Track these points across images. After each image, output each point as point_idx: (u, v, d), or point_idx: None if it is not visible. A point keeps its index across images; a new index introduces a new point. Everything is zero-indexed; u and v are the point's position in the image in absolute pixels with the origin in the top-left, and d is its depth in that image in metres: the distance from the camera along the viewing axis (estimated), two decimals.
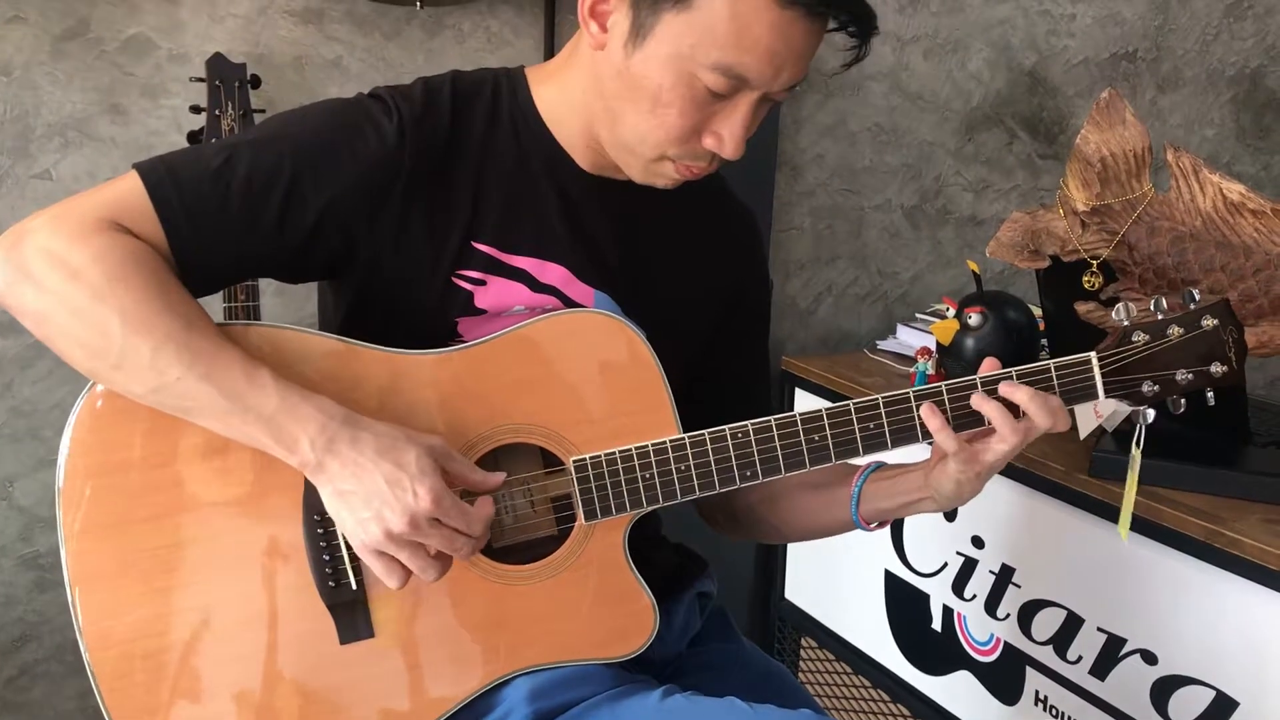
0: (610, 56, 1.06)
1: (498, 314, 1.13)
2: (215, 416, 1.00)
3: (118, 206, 1.02)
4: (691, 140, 1.06)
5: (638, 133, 1.07)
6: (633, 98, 1.05)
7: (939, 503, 1.15)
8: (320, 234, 1.08)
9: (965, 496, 1.13)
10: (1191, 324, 1.11)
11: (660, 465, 1.10)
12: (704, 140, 1.06)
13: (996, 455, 1.09)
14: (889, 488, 1.19)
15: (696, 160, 1.09)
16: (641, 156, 1.09)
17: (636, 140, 1.07)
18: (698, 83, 1.02)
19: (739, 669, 1.31)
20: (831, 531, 1.28)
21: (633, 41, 1.03)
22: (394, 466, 0.98)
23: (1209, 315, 1.11)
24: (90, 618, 1.04)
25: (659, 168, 1.10)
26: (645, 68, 1.03)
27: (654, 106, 1.04)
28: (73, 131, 1.94)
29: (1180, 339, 1.11)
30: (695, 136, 1.06)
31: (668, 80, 1.03)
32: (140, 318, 0.97)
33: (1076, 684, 1.68)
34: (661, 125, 1.05)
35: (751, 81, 1.02)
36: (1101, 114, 1.57)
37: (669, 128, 1.05)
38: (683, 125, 1.05)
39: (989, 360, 1.12)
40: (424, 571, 1.01)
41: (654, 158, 1.08)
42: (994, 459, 1.09)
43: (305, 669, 1.07)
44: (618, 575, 1.13)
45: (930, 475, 1.14)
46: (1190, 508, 1.49)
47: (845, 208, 2.65)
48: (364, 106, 1.10)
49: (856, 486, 1.20)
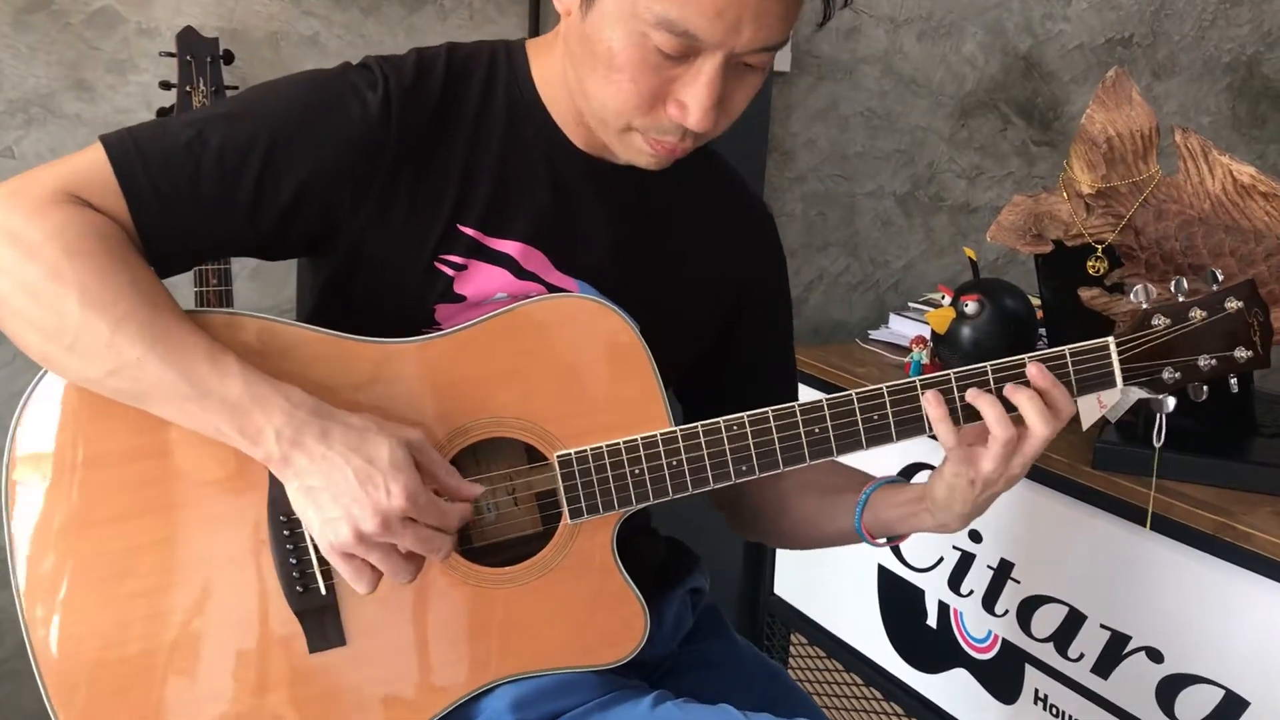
0: (573, 20, 0.98)
1: (478, 302, 1.07)
2: (174, 403, 0.93)
3: (79, 180, 0.95)
4: (655, 110, 0.97)
5: (599, 100, 0.99)
6: (591, 63, 0.97)
7: (934, 515, 1.08)
8: (297, 213, 1.01)
9: (956, 508, 1.07)
10: (1215, 306, 1.06)
11: (650, 460, 1.04)
12: (668, 110, 0.97)
13: (993, 462, 1.02)
14: (892, 495, 1.14)
15: (664, 134, 0.99)
16: (610, 128, 1.01)
17: (601, 109, 1.00)
18: (648, 42, 0.93)
19: (734, 668, 1.25)
20: (837, 541, 1.22)
21: (586, 1, 0.96)
22: (365, 462, 0.91)
23: (1232, 297, 1.06)
24: (41, 627, 0.97)
25: (630, 141, 1.02)
26: (597, 28, 0.95)
27: (609, 71, 0.96)
28: (36, 108, 1.88)
29: (1203, 322, 1.06)
30: (658, 105, 0.97)
31: (618, 41, 0.94)
32: (99, 294, 0.90)
33: (1078, 682, 1.64)
34: (618, 92, 0.96)
35: (703, 40, 0.92)
36: (1108, 93, 1.53)
37: (625, 94, 0.96)
38: (638, 91, 0.96)
39: None
40: (397, 574, 0.94)
41: (620, 128, 1.00)
42: (990, 468, 1.03)
43: (272, 680, 1.01)
44: (606, 577, 1.07)
45: (929, 481, 1.08)
46: (1199, 500, 1.45)
47: (837, 194, 2.61)
48: (348, 77, 1.04)
49: (864, 495, 1.15)
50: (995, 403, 1.02)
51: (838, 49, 2.49)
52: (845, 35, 2.49)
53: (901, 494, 1.13)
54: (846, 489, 1.18)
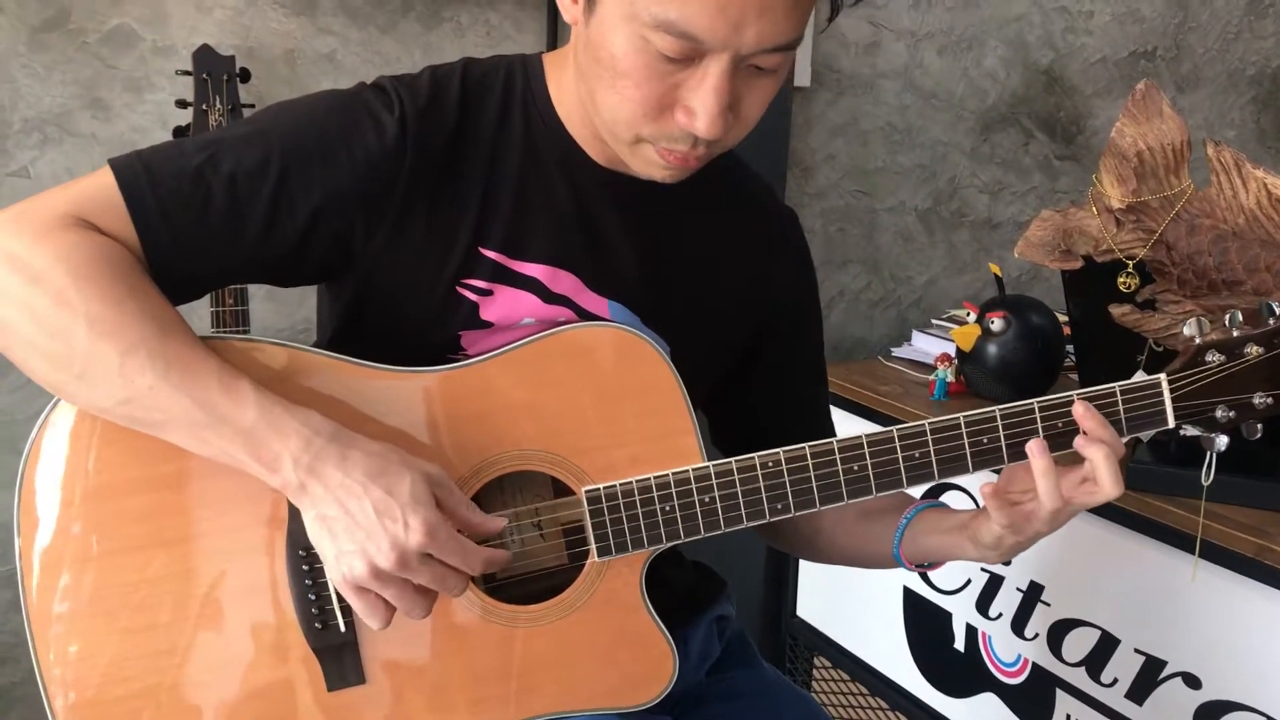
0: (580, 29, 0.95)
1: (505, 327, 1.04)
2: (189, 430, 0.90)
3: (87, 204, 0.93)
4: (663, 117, 0.93)
5: (608, 110, 0.95)
6: (597, 70, 0.94)
7: (978, 549, 1.05)
8: (311, 239, 0.99)
9: (1005, 551, 1.04)
10: (1271, 342, 1.01)
11: (681, 497, 1.00)
12: (675, 116, 0.93)
13: (1046, 526, 1.00)
14: (935, 523, 1.10)
15: (674, 143, 0.95)
16: (620, 139, 0.98)
17: (610, 119, 0.96)
18: (650, 47, 0.89)
19: (762, 699, 1.22)
20: (872, 564, 1.19)
21: (589, 6, 0.93)
22: (384, 493, 0.88)
23: None
24: (52, 659, 0.95)
25: (642, 153, 0.98)
26: (601, 35, 0.92)
27: (614, 79, 0.92)
28: (52, 127, 1.86)
29: (1259, 359, 1.01)
30: (665, 112, 0.93)
31: (620, 46, 0.90)
32: (108, 322, 0.88)
33: (1111, 708, 1.61)
34: (624, 100, 0.93)
35: (705, 41, 0.87)
36: (1138, 106, 1.50)
37: (630, 101, 0.93)
38: (643, 98, 0.92)
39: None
40: (410, 611, 0.91)
41: (630, 139, 0.97)
42: (1044, 529, 1.00)
43: (288, 718, 0.98)
44: (634, 617, 1.04)
45: (974, 527, 1.05)
46: (1238, 522, 1.43)
47: (857, 210, 2.58)
48: (363, 98, 1.01)
49: (904, 521, 1.12)
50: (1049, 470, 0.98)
51: (858, 63, 2.47)
52: (865, 50, 2.47)
53: (944, 522, 1.09)
54: (886, 511, 1.15)
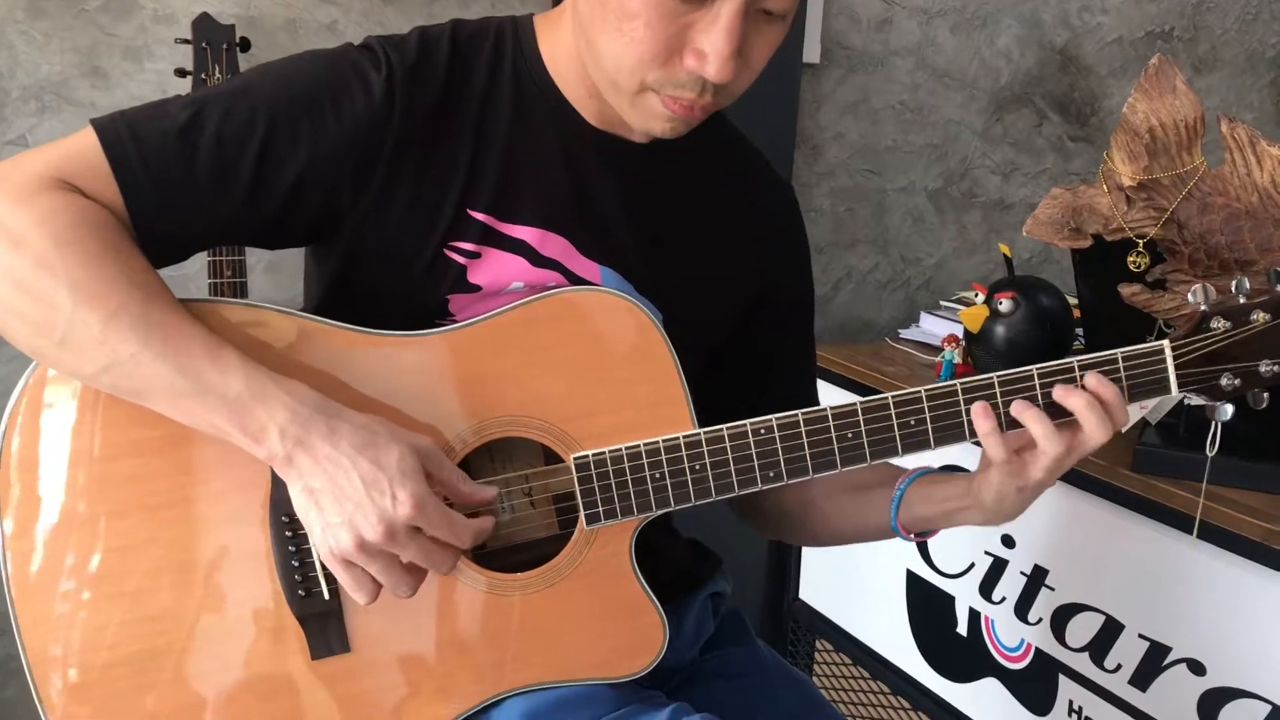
0: None
1: (494, 291, 1.02)
2: (172, 399, 0.89)
3: (69, 165, 0.91)
4: (671, 62, 0.92)
5: (612, 58, 0.94)
6: (602, 17, 0.92)
7: (982, 514, 1.04)
8: (298, 199, 0.97)
9: (1007, 511, 1.03)
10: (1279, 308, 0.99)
11: (672, 464, 0.99)
12: (684, 60, 0.92)
13: (1044, 472, 0.99)
14: (932, 493, 1.09)
15: (682, 90, 0.94)
16: (624, 90, 0.96)
17: (614, 68, 0.94)
18: None
19: (757, 678, 1.21)
20: (867, 537, 1.17)
21: None
22: (372, 465, 0.86)
23: None
24: (31, 626, 0.94)
25: (646, 103, 0.96)
26: None
27: (620, 21, 0.91)
28: (50, 95, 1.85)
29: (1266, 325, 0.99)
30: (674, 56, 0.92)
31: None
32: (91, 287, 0.86)
33: (1115, 694, 1.59)
34: (631, 42, 0.91)
35: None
36: (1150, 82, 1.47)
37: (639, 44, 0.91)
38: (653, 39, 0.90)
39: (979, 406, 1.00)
40: (397, 588, 0.90)
41: (635, 88, 0.95)
42: (1042, 476, 0.99)
43: (272, 687, 0.97)
44: (623, 585, 1.02)
45: (974, 482, 1.04)
46: (1246, 506, 1.40)
47: (867, 189, 2.56)
48: (350, 58, 1.00)
49: (899, 490, 1.10)
50: (1042, 417, 0.98)
51: (869, 40, 2.44)
52: (877, 26, 2.44)
53: (941, 490, 1.08)
54: (878, 484, 1.13)
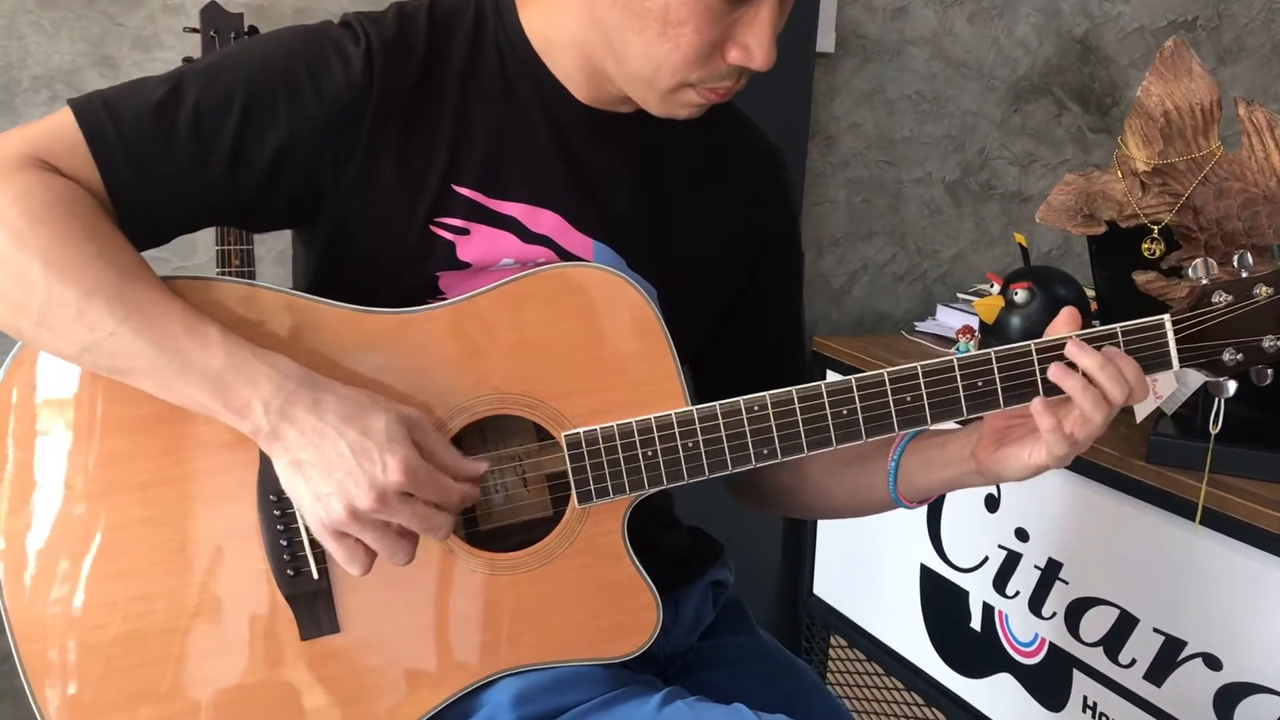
0: None
1: (484, 268, 1.02)
2: (154, 377, 0.88)
3: (47, 144, 0.91)
4: (714, 59, 0.94)
5: (651, 62, 0.94)
6: (638, 24, 0.93)
7: (987, 478, 1.04)
8: (278, 177, 0.97)
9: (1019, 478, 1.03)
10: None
11: (664, 441, 0.98)
12: (728, 55, 0.94)
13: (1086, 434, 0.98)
14: (931, 459, 1.08)
15: (722, 80, 0.96)
16: (658, 87, 0.96)
17: (651, 70, 0.95)
18: None
19: (755, 665, 1.20)
20: (867, 511, 1.17)
21: None
22: (359, 434, 0.86)
23: None
24: (18, 605, 0.93)
25: (679, 96, 0.97)
26: None
27: (664, 28, 0.92)
28: (60, 84, 1.86)
29: (1269, 299, 0.98)
30: (717, 53, 0.94)
31: None
32: (67, 265, 0.86)
33: (1129, 689, 1.57)
34: (678, 48, 0.92)
35: None
36: (1165, 64, 1.44)
37: (686, 48, 0.92)
38: (701, 43, 0.92)
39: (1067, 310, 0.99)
40: (392, 554, 0.89)
41: (672, 86, 0.96)
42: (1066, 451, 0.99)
43: (261, 668, 0.96)
44: (616, 565, 1.01)
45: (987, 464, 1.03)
46: (1261, 497, 1.38)
47: (883, 180, 2.54)
48: (328, 33, 1.00)
49: (893, 461, 1.09)
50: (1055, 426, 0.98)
51: (884, 29, 2.42)
52: (892, 15, 2.42)
53: (941, 454, 1.07)
54: (873, 455, 1.12)
